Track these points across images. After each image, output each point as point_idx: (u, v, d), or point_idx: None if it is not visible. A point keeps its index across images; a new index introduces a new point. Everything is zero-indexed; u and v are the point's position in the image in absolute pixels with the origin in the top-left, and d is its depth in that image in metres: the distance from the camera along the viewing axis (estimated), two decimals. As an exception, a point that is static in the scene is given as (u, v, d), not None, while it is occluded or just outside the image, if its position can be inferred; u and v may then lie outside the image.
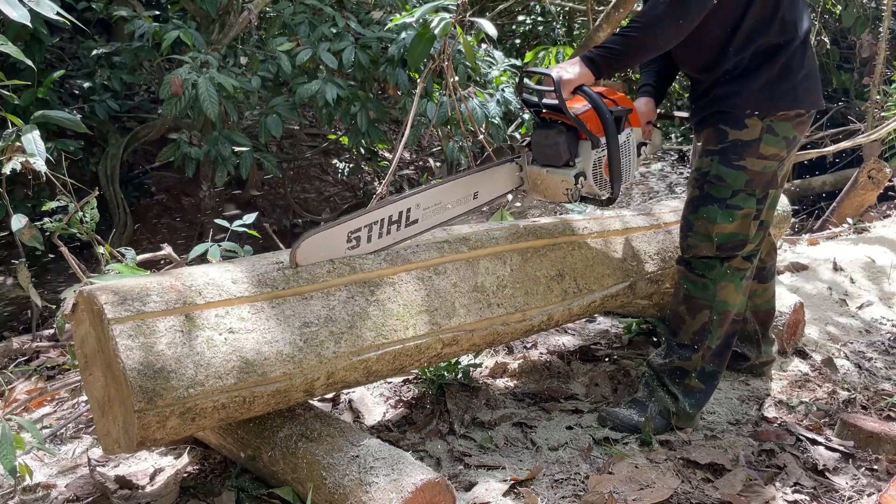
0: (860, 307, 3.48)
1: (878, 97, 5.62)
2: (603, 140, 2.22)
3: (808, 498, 1.99)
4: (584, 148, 2.24)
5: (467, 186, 2.25)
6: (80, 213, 2.48)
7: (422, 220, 2.13)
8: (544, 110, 2.24)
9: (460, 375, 2.54)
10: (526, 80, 2.27)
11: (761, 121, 2.16)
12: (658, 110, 2.50)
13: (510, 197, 2.40)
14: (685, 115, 2.56)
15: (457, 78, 3.74)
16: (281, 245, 3.39)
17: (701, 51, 2.22)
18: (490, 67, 4.66)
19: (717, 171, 2.21)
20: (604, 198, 2.31)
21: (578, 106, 2.21)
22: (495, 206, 2.68)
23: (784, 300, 2.85)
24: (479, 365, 2.70)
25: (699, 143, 2.33)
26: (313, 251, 1.91)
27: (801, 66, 2.16)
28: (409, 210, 2.09)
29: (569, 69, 2.13)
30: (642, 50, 2.14)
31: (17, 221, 2.38)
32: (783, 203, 3.14)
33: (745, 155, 2.18)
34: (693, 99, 2.35)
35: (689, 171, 2.37)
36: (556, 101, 2.14)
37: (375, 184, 6.51)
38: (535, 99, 2.23)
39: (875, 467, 2.13)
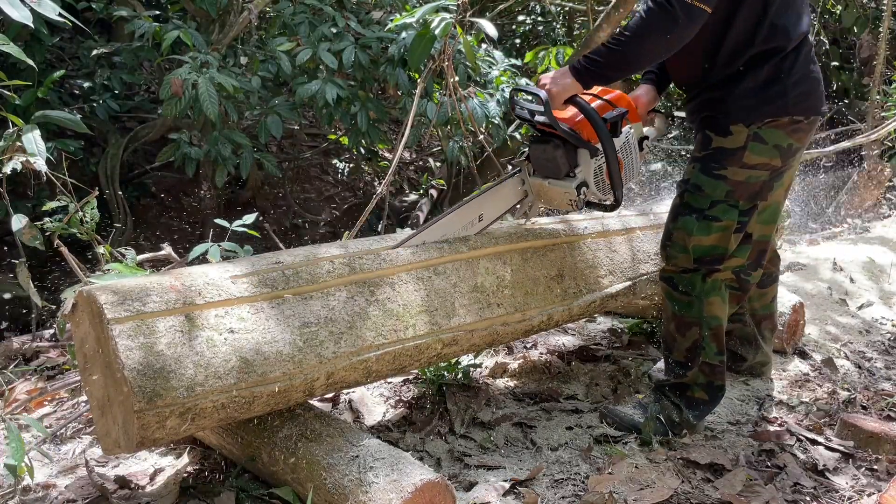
0: (860, 307, 3.48)
1: (878, 97, 5.63)
2: (600, 147, 2.17)
3: (808, 498, 1.99)
4: (583, 157, 2.19)
5: (471, 211, 2.23)
6: (80, 213, 2.48)
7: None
8: (538, 124, 2.19)
9: (460, 375, 2.53)
10: (516, 98, 2.22)
11: (747, 128, 2.07)
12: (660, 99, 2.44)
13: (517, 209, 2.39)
14: (684, 115, 2.54)
15: (457, 78, 3.74)
16: (281, 245, 3.39)
17: (685, 67, 2.16)
18: (490, 67, 4.66)
19: (696, 179, 2.14)
20: (608, 203, 2.28)
21: (570, 116, 2.16)
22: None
23: (784, 300, 2.84)
24: (479, 365, 2.70)
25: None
26: None
27: (791, 72, 2.06)
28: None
29: (558, 81, 2.08)
30: (626, 65, 2.04)
31: (17, 221, 2.38)
32: None
33: (727, 164, 2.09)
34: (685, 104, 2.29)
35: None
36: (546, 119, 2.11)
37: (375, 184, 6.52)
38: (528, 115, 2.18)
39: (875, 467, 2.13)
